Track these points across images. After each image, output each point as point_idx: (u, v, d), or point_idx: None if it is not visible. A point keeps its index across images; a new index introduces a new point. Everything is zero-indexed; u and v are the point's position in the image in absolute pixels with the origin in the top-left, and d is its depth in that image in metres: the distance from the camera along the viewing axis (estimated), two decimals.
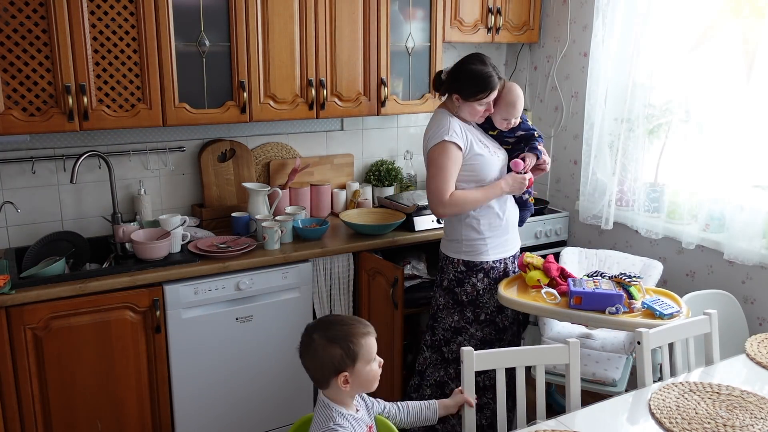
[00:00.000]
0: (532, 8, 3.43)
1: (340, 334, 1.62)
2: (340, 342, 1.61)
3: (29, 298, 2.27)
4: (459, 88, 2.41)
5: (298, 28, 2.78)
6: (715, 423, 1.73)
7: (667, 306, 2.27)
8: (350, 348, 1.60)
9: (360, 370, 1.62)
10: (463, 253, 2.51)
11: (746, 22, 2.59)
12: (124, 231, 2.65)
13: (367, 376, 1.64)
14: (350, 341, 1.61)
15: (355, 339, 1.62)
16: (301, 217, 2.98)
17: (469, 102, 2.41)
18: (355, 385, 1.64)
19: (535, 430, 1.72)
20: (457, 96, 2.42)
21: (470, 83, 2.38)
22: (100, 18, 2.40)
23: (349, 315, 1.72)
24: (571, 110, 3.44)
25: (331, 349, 1.61)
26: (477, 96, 2.39)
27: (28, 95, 2.35)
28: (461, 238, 2.50)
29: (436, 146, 2.40)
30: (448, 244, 2.56)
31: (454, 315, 2.55)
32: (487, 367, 1.92)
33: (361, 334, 1.63)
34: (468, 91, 2.39)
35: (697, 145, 2.80)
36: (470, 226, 2.49)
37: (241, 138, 3.12)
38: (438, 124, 2.44)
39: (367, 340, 1.64)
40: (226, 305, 2.63)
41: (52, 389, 2.38)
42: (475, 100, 2.40)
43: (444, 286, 2.57)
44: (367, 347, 1.63)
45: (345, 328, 1.64)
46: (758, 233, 2.59)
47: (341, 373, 1.61)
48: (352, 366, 1.61)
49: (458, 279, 2.52)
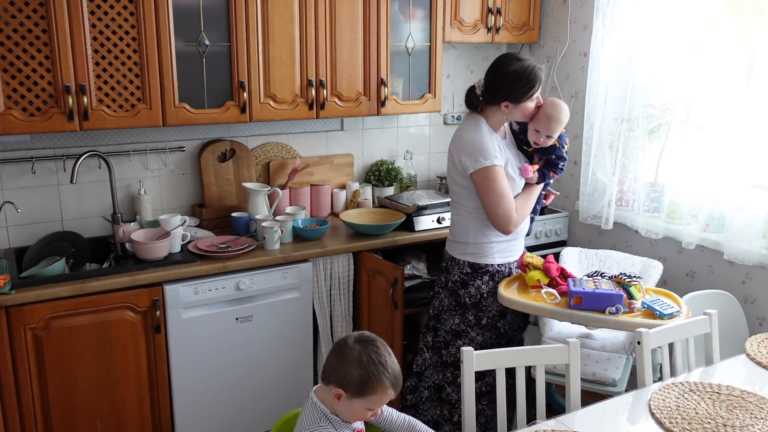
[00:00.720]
0: (532, 8, 3.43)
1: (370, 368, 1.58)
2: (363, 371, 1.57)
3: (29, 298, 2.27)
4: (507, 93, 2.35)
5: (298, 28, 2.78)
6: (715, 423, 1.73)
7: (667, 306, 2.27)
8: (366, 384, 1.57)
9: (354, 404, 1.60)
10: (470, 254, 2.50)
11: (746, 21, 2.59)
12: (124, 231, 2.65)
13: (355, 413, 1.62)
14: (371, 380, 1.57)
15: (376, 384, 1.58)
16: (301, 217, 2.98)
17: (521, 103, 2.37)
18: (342, 408, 1.62)
19: (535, 430, 1.72)
20: (507, 102, 2.37)
21: (518, 84, 2.33)
22: (100, 18, 2.40)
23: (394, 359, 1.64)
24: (571, 110, 3.43)
25: (353, 368, 1.58)
26: (529, 93, 2.35)
27: (28, 95, 2.35)
28: (469, 240, 2.49)
29: (484, 170, 2.34)
30: (455, 245, 2.55)
31: (455, 318, 2.53)
32: (487, 367, 1.92)
33: (384, 385, 1.58)
34: (518, 93, 2.34)
35: (697, 145, 2.80)
36: (480, 229, 2.47)
37: (241, 138, 3.12)
38: (480, 142, 2.36)
39: (382, 392, 1.59)
40: (226, 305, 2.63)
41: (52, 389, 2.38)
42: (528, 98, 2.36)
43: (448, 287, 2.56)
44: (378, 396, 1.59)
45: (379, 368, 1.58)
46: (758, 233, 2.59)
47: (339, 389, 1.59)
48: (351, 395, 1.59)
49: (463, 281, 2.51)
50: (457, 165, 2.43)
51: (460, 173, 2.43)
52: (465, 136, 2.42)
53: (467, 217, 2.49)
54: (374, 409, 1.63)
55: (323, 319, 2.87)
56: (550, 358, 1.97)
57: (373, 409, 1.63)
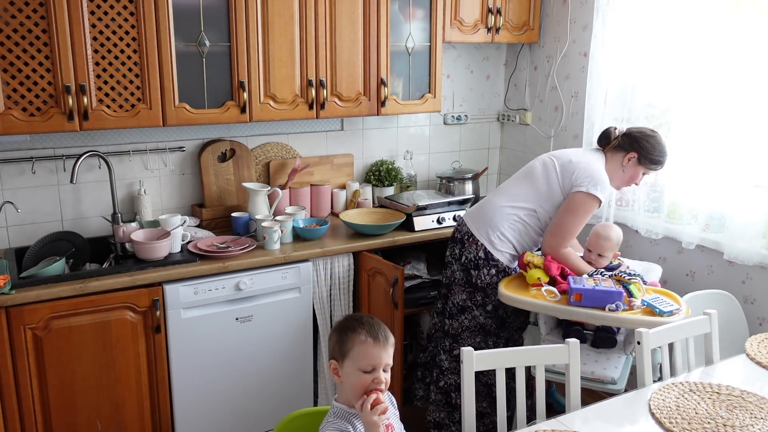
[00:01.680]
0: (532, 8, 3.43)
1: (343, 326, 1.63)
2: (339, 332, 1.63)
3: (29, 298, 2.27)
4: (641, 149, 2.50)
5: (298, 28, 2.78)
6: (715, 423, 1.73)
7: (667, 304, 2.27)
8: (341, 340, 1.60)
9: (348, 371, 1.59)
10: (488, 242, 2.56)
11: (747, 21, 2.59)
12: (124, 231, 2.65)
13: (354, 381, 1.58)
14: (345, 334, 1.60)
15: (351, 335, 1.59)
16: (301, 217, 2.98)
17: (640, 166, 2.52)
18: (345, 384, 1.61)
19: (535, 430, 1.72)
20: (634, 155, 2.51)
21: (655, 151, 2.50)
22: (100, 18, 2.40)
23: (377, 320, 1.65)
24: (571, 110, 3.43)
25: (333, 335, 1.65)
26: (654, 164, 2.52)
27: (28, 95, 2.35)
28: (499, 231, 2.55)
29: (590, 197, 2.47)
30: (482, 224, 2.59)
31: (464, 293, 2.62)
32: (487, 367, 1.92)
33: (358, 333, 1.59)
34: (650, 157, 2.50)
35: (697, 145, 2.79)
36: (527, 231, 2.57)
37: (241, 138, 3.12)
38: (604, 176, 2.51)
39: (360, 342, 1.58)
40: (226, 305, 2.63)
41: (52, 389, 2.38)
42: (648, 167, 2.53)
43: (461, 261, 2.62)
44: (358, 350, 1.58)
45: (352, 323, 1.62)
46: (758, 233, 2.58)
47: (331, 360, 1.63)
48: (341, 360, 1.60)
49: (476, 262, 2.57)
50: (565, 174, 2.52)
51: (559, 181, 2.52)
52: (594, 163, 2.54)
53: (523, 213, 2.56)
54: (368, 370, 1.57)
55: (323, 319, 2.87)
56: (550, 358, 1.97)
57: (368, 371, 1.57)
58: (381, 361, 1.59)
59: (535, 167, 2.62)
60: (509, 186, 2.67)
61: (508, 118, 3.80)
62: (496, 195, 2.66)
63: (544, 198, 2.55)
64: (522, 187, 2.61)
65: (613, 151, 2.57)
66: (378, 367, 1.58)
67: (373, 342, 1.59)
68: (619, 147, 2.55)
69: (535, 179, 2.58)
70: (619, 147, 2.55)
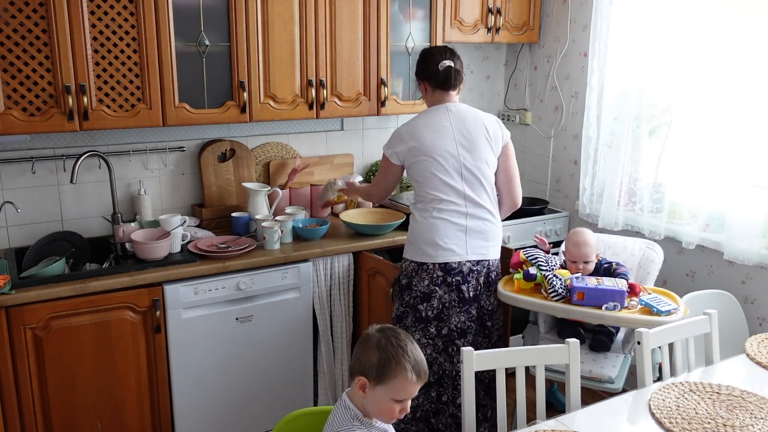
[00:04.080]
0: (532, 8, 3.43)
1: (389, 350, 1.55)
2: (382, 354, 1.55)
3: (29, 298, 2.27)
4: (420, 72, 2.52)
5: (298, 28, 2.78)
6: (715, 423, 1.73)
7: (665, 303, 2.28)
8: (384, 366, 1.55)
9: (379, 394, 1.56)
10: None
11: (747, 21, 2.59)
12: (124, 231, 2.65)
13: (382, 405, 1.56)
14: (389, 362, 1.55)
15: (396, 367, 1.55)
16: (301, 217, 2.98)
17: (428, 84, 2.51)
18: (369, 401, 1.58)
19: (535, 430, 1.72)
20: (424, 82, 2.53)
21: (426, 62, 2.50)
22: (100, 18, 2.40)
23: (416, 347, 1.62)
24: (571, 110, 3.44)
25: (373, 351, 1.57)
26: (433, 76, 2.47)
27: (28, 95, 2.35)
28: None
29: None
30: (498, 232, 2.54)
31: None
32: (487, 367, 1.92)
33: (404, 368, 1.55)
34: (428, 72, 2.50)
35: (697, 145, 2.79)
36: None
37: (241, 138, 3.12)
38: (396, 130, 2.54)
39: (404, 377, 1.54)
40: (226, 305, 2.63)
41: (52, 389, 2.38)
42: (433, 83, 2.49)
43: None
44: (399, 383, 1.54)
45: (399, 351, 1.55)
46: (758, 233, 2.59)
47: (362, 377, 1.56)
48: (375, 382, 1.56)
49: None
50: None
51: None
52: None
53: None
54: (400, 400, 1.57)
55: (323, 319, 2.87)
56: (549, 358, 1.97)
57: (400, 402, 1.57)
58: (413, 395, 1.59)
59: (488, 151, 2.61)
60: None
61: (508, 118, 3.80)
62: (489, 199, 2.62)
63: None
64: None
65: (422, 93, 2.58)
66: (409, 399, 1.59)
67: (416, 379, 1.57)
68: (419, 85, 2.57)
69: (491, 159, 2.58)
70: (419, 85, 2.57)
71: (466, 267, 2.42)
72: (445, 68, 2.44)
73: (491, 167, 2.47)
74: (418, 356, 1.58)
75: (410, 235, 2.49)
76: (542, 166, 3.66)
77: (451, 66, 2.45)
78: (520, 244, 3.27)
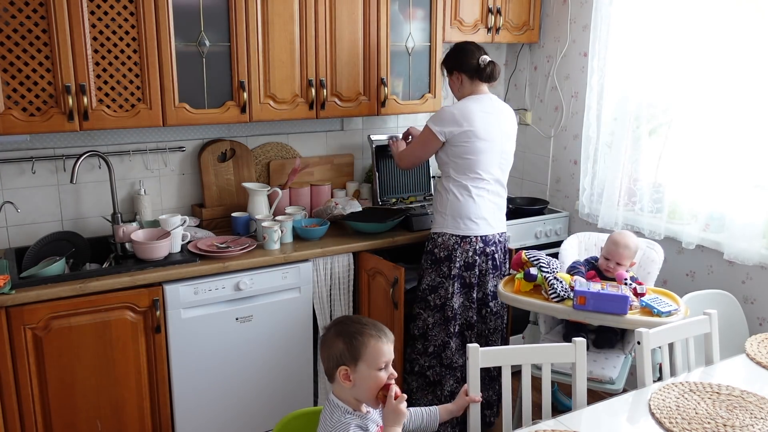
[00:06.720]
0: (532, 8, 3.43)
1: (348, 330, 1.62)
2: (345, 337, 1.61)
3: (29, 298, 2.27)
4: (458, 65, 2.72)
5: (298, 28, 2.78)
6: (715, 423, 1.73)
7: (666, 304, 2.27)
8: (352, 344, 1.60)
9: (362, 372, 1.59)
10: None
11: (747, 21, 2.59)
12: (124, 231, 2.65)
13: (370, 380, 1.60)
14: (354, 338, 1.60)
15: (361, 338, 1.60)
16: (301, 217, 2.98)
17: (464, 75, 2.73)
18: (358, 386, 1.61)
19: (535, 429, 1.72)
20: (458, 73, 2.73)
21: (466, 57, 2.70)
22: (100, 18, 2.40)
23: (370, 319, 1.70)
24: (571, 110, 3.44)
25: (337, 342, 1.62)
26: (472, 68, 2.70)
27: (28, 95, 2.35)
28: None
29: (426, 126, 2.74)
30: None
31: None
32: (493, 364, 1.92)
33: (369, 335, 1.61)
34: (467, 65, 2.70)
35: (697, 145, 2.79)
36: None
37: (241, 138, 3.12)
38: (442, 109, 2.73)
39: (374, 343, 1.60)
40: (226, 305, 2.63)
41: (52, 389, 2.38)
42: (471, 74, 2.72)
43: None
44: (372, 350, 1.60)
45: (356, 326, 1.63)
46: (758, 233, 2.59)
47: (341, 366, 1.60)
48: (353, 364, 1.59)
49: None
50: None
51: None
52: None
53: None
54: (383, 366, 1.60)
55: (323, 319, 2.87)
56: (556, 357, 1.98)
57: (383, 367, 1.61)
58: (391, 356, 1.64)
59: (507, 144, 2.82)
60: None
61: None
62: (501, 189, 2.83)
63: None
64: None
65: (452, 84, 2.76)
66: (390, 362, 1.63)
67: (384, 340, 1.63)
68: (448, 76, 2.77)
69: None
70: (448, 76, 2.77)
71: (496, 238, 2.74)
72: (488, 63, 2.66)
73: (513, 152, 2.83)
74: (372, 321, 1.67)
75: (448, 209, 2.69)
76: (542, 166, 3.66)
77: (493, 61, 2.69)
78: (521, 244, 3.27)
